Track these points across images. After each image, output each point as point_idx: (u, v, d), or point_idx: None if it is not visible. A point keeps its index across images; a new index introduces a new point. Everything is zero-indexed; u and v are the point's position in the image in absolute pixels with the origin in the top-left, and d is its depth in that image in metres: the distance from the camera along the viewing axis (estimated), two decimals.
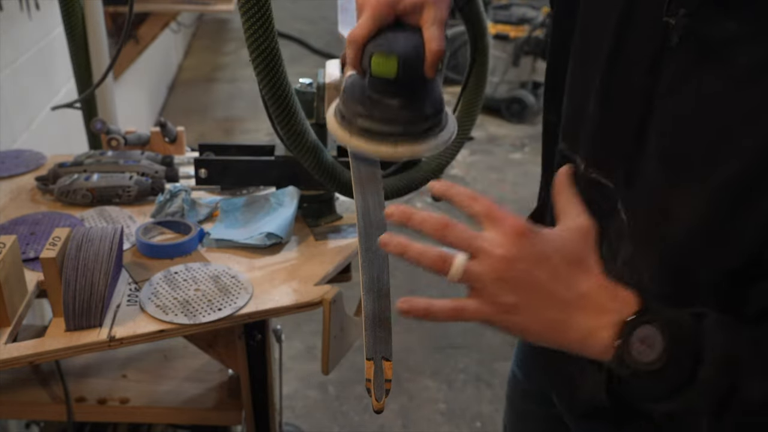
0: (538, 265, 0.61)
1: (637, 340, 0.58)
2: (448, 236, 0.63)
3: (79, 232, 1.05)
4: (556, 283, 0.61)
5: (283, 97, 1.05)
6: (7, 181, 1.41)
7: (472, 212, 0.64)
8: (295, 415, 2.23)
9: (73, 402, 1.32)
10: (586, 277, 0.62)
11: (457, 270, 0.62)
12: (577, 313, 0.61)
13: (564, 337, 0.62)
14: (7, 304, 0.99)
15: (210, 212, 1.30)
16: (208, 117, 4.45)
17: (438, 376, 2.41)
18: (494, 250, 0.61)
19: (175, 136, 1.51)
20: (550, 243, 0.62)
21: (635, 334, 0.59)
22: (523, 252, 0.61)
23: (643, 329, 0.58)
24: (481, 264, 0.61)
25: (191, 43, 5.73)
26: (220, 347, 1.22)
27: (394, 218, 0.65)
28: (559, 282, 0.61)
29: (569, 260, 0.62)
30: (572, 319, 0.61)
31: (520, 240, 0.61)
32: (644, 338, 0.58)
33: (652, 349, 0.58)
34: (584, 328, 0.61)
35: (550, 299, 0.61)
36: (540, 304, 0.61)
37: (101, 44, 1.64)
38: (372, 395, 0.67)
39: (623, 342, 0.59)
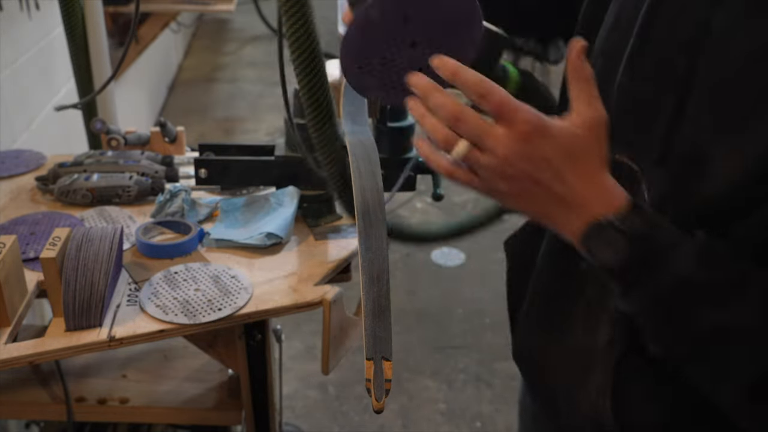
0: (539, 165, 0.63)
1: (599, 239, 0.63)
2: (460, 128, 0.64)
3: (79, 232, 1.05)
4: (551, 181, 0.64)
5: (322, 100, 1.05)
6: (7, 181, 1.41)
7: (482, 107, 0.64)
8: (295, 415, 2.23)
9: (73, 402, 1.32)
10: (581, 175, 0.64)
11: (458, 154, 0.65)
12: (562, 208, 0.65)
13: (547, 221, 0.67)
14: (7, 304, 0.99)
15: (210, 212, 1.30)
16: (208, 117, 4.45)
17: (438, 376, 2.41)
18: (498, 149, 0.63)
19: (175, 136, 1.51)
20: (556, 140, 0.63)
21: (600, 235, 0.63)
22: (525, 153, 0.63)
23: (608, 232, 0.62)
24: (484, 157, 0.64)
25: (191, 43, 5.73)
26: (220, 347, 1.22)
27: (418, 88, 0.67)
28: (555, 180, 0.64)
29: (571, 157, 0.64)
30: (555, 212, 0.66)
31: (526, 142, 0.63)
32: (607, 239, 0.62)
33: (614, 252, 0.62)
34: (563, 220, 0.66)
35: (540, 194, 0.65)
36: (529, 196, 0.65)
37: (101, 44, 1.64)
38: (372, 395, 0.67)
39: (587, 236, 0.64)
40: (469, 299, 2.78)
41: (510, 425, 2.22)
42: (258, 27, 5.73)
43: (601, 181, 0.65)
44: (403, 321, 2.63)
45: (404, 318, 2.65)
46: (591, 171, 0.64)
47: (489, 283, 2.86)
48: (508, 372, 2.43)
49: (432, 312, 2.71)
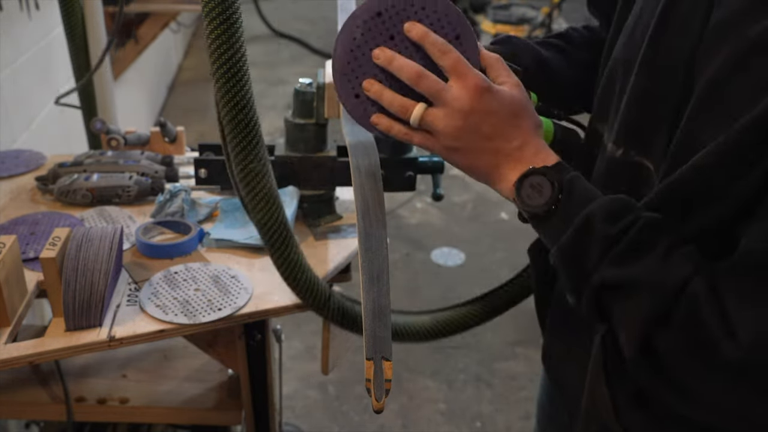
0: (487, 119, 0.72)
1: (528, 185, 0.71)
2: (421, 85, 0.72)
3: (79, 232, 1.05)
4: (497, 135, 0.73)
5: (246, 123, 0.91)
6: (7, 181, 1.41)
7: (441, 65, 0.73)
8: (295, 415, 2.23)
9: (73, 402, 1.32)
10: (522, 133, 0.73)
11: (416, 116, 0.73)
12: (504, 161, 0.73)
13: (488, 178, 0.75)
14: (7, 304, 0.99)
15: (210, 212, 1.30)
16: (208, 117, 4.44)
17: (438, 376, 2.41)
18: (452, 102, 0.72)
19: (174, 136, 1.51)
20: (501, 98, 0.73)
21: (529, 179, 0.71)
22: (476, 107, 0.71)
23: (537, 177, 0.70)
24: (439, 112, 0.72)
25: (191, 43, 5.73)
26: (220, 347, 1.22)
27: (379, 60, 0.74)
28: (500, 134, 0.73)
29: (513, 114, 0.73)
30: (498, 166, 0.74)
31: (477, 95, 0.71)
32: (535, 184, 0.70)
33: (540, 196, 0.70)
34: (503, 173, 0.73)
35: (488, 147, 0.73)
36: (479, 150, 0.73)
37: (101, 44, 1.65)
38: (372, 395, 0.67)
39: (518, 183, 0.71)
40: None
41: (510, 425, 2.23)
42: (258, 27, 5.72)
43: (537, 142, 0.74)
44: None
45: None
46: (529, 130, 0.74)
47: (489, 283, 2.86)
48: (508, 372, 2.43)
49: None
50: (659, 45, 0.72)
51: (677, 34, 0.70)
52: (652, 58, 0.73)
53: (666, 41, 0.71)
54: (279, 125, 4.23)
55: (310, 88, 1.24)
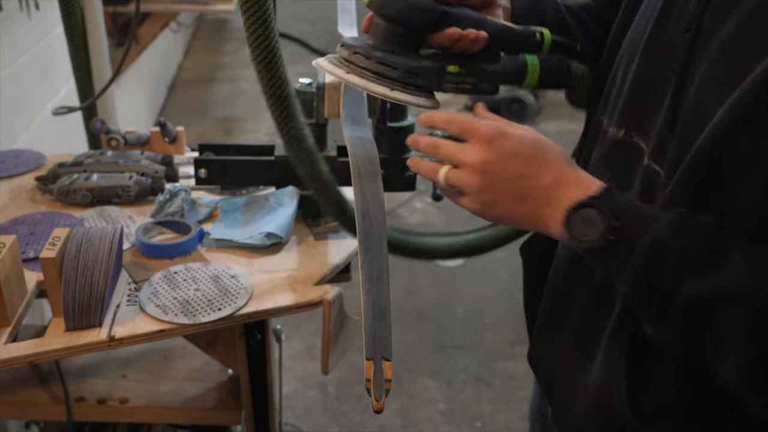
0: (507, 165, 0.70)
1: (579, 220, 0.67)
2: (438, 154, 0.75)
3: (79, 232, 1.05)
4: (525, 178, 0.70)
5: (283, 98, 1.05)
6: (7, 181, 1.41)
7: (453, 134, 0.75)
8: (295, 415, 2.23)
9: (73, 402, 1.32)
10: (551, 168, 0.70)
11: (441, 179, 0.74)
12: (544, 202, 0.69)
13: (536, 223, 0.71)
14: (6, 304, 0.99)
15: (210, 212, 1.30)
16: (208, 117, 4.45)
17: (438, 376, 2.41)
18: (467, 158, 0.72)
19: (174, 136, 1.51)
20: (517, 140, 0.71)
21: (578, 215, 0.67)
22: (492, 155, 0.71)
23: (584, 211, 0.66)
24: (461, 171, 0.73)
25: (191, 43, 5.73)
26: (219, 347, 1.22)
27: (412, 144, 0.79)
28: (527, 176, 0.70)
29: (535, 152, 0.71)
30: (541, 209, 0.70)
31: (489, 145, 0.71)
32: (585, 218, 0.66)
33: (593, 229, 0.66)
34: (549, 214, 0.69)
35: (520, 192, 0.70)
36: (512, 197, 0.71)
37: (101, 44, 1.64)
38: (372, 395, 0.67)
39: (567, 222, 0.67)
40: (469, 299, 2.78)
41: (510, 425, 2.23)
42: None
43: (571, 172, 0.70)
44: (403, 321, 2.63)
45: (404, 318, 2.65)
46: (558, 164, 0.70)
47: (489, 283, 2.86)
48: (508, 372, 2.43)
49: (432, 312, 2.71)
50: (662, 28, 0.73)
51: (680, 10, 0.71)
52: (653, 41, 0.74)
53: (669, 24, 0.72)
54: None
55: (310, 88, 1.24)
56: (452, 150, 0.74)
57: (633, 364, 0.75)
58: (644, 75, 0.76)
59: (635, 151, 0.76)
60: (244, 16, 1.00)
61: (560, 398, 0.90)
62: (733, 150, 0.62)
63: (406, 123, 1.24)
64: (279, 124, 1.08)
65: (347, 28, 1.17)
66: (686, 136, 0.67)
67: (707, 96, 0.66)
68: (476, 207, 0.73)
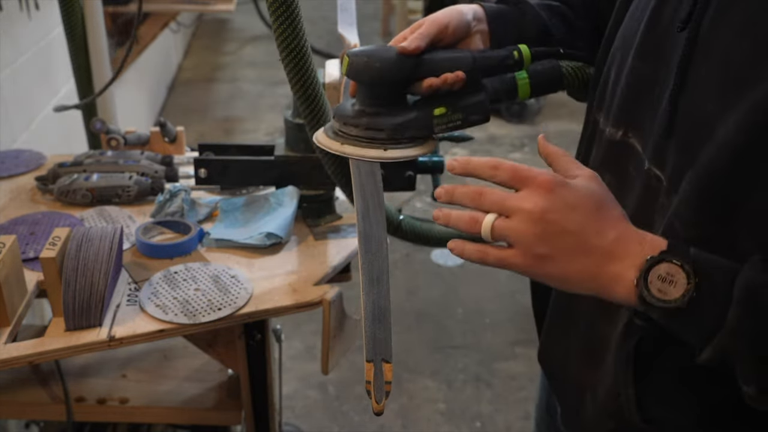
0: (569, 215, 0.63)
1: (656, 278, 0.59)
2: (484, 203, 0.66)
3: (79, 232, 1.05)
4: (586, 231, 0.63)
5: (313, 97, 1.05)
6: (7, 181, 1.41)
7: (499, 182, 0.66)
8: (294, 415, 2.23)
9: (73, 402, 1.32)
10: (614, 224, 0.64)
11: (486, 228, 0.65)
12: (607, 259, 0.63)
13: (596, 283, 0.63)
14: (6, 304, 0.99)
15: (210, 212, 1.30)
16: (208, 117, 4.45)
17: (438, 376, 2.41)
18: (524, 205, 0.63)
19: (174, 136, 1.51)
20: (578, 192, 0.64)
21: (654, 271, 0.59)
22: (553, 204, 0.63)
23: (663, 266, 0.59)
24: (513, 220, 0.64)
25: (191, 43, 5.73)
26: (219, 347, 1.22)
27: (441, 199, 0.69)
28: (589, 230, 0.63)
29: (597, 206, 0.64)
30: (603, 266, 0.63)
31: (549, 194, 0.63)
32: (665, 275, 0.59)
33: (674, 287, 0.58)
34: (612, 272, 0.62)
35: (581, 247, 0.63)
36: (572, 252, 0.63)
37: (101, 44, 1.65)
38: (372, 397, 0.67)
39: (643, 280, 0.60)
40: (469, 299, 2.78)
41: (510, 425, 2.23)
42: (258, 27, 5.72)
43: (633, 230, 0.64)
44: (403, 321, 2.63)
45: (404, 318, 2.65)
46: (621, 220, 0.64)
47: (489, 283, 2.86)
48: (508, 372, 2.43)
49: (432, 312, 2.71)
50: (655, 28, 0.71)
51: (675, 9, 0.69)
52: (646, 41, 0.72)
53: (662, 23, 0.70)
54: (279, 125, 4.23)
55: None
56: (502, 196, 0.65)
57: (640, 371, 0.74)
58: (639, 75, 0.74)
59: (634, 153, 0.74)
60: (272, 17, 1.00)
61: (569, 400, 0.89)
62: (748, 167, 0.59)
63: None
64: (309, 122, 1.07)
65: (347, 28, 1.17)
66: (686, 142, 0.65)
67: (708, 100, 0.64)
68: (527, 262, 0.64)
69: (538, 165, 0.91)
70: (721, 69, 0.63)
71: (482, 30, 0.88)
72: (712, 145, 0.61)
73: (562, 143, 0.75)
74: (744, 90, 0.59)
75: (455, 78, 0.80)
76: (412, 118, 0.80)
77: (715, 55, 0.63)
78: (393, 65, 0.79)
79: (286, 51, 1.00)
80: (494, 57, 0.86)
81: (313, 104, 1.06)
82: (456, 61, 0.82)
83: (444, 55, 0.82)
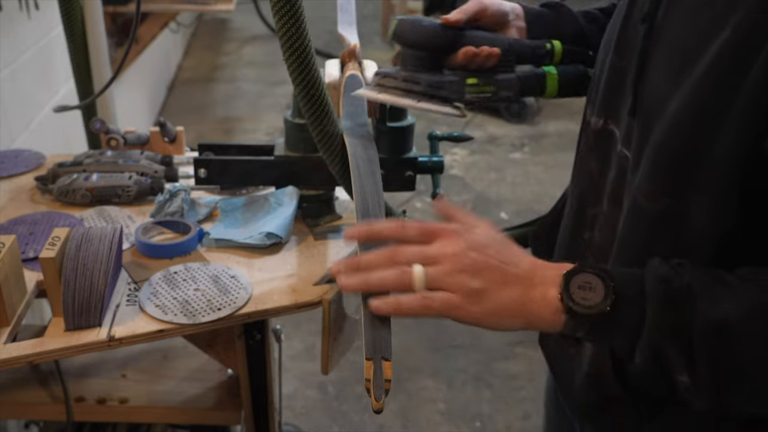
0: (486, 252, 0.69)
1: (577, 287, 0.65)
2: (400, 257, 0.69)
3: (79, 231, 1.05)
4: (505, 263, 0.69)
5: (317, 97, 1.06)
6: (7, 181, 1.41)
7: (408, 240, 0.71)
8: (294, 415, 2.23)
9: (73, 402, 1.32)
10: (523, 256, 0.70)
11: (419, 276, 0.67)
12: (529, 285, 0.68)
13: (526, 310, 0.68)
14: (6, 303, 0.99)
15: (209, 212, 1.30)
16: (208, 117, 4.45)
17: (437, 376, 2.41)
18: (446, 250, 0.68)
19: (174, 136, 1.51)
20: (484, 234, 0.71)
21: (573, 282, 0.65)
22: (468, 244, 0.69)
23: (580, 275, 0.65)
24: (442, 265, 0.68)
25: (191, 43, 5.73)
26: (219, 347, 1.22)
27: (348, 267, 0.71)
28: (507, 262, 0.69)
29: (503, 244, 0.71)
30: (528, 292, 0.67)
31: (460, 237, 0.69)
32: (584, 284, 0.65)
33: (594, 292, 0.64)
34: (537, 296, 0.67)
35: (506, 277, 0.68)
36: (501, 282, 0.68)
37: (100, 44, 1.64)
38: (371, 395, 0.67)
39: (565, 291, 0.65)
40: None
41: (510, 425, 2.23)
42: (257, 27, 5.72)
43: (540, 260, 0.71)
44: (402, 321, 2.63)
45: (404, 318, 2.65)
46: (527, 254, 0.71)
47: None
48: (507, 372, 2.43)
49: None
50: (627, 24, 0.78)
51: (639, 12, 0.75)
52: (621, 37, 0.79)
53: (632, 19, 0.77)
54: (278, 125, 4.23)
55: None
56: (420, 248, 0.69)
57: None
58: (616, 69, 0.80)
59: (613, 138, 0.80)
60: (275, 17, 1.01)
61: (564, 379, 0.94)
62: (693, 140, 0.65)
63: (406, 123, 1.24)
64: (313, 122, 1.08)
65: (347, 28, 1.17)
66: (645, 121, 0.71)
67: (661, 82, 0.70)
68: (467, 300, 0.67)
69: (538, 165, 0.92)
70: (671, 53, 0.69)
71: (520, 26, 0.97)
72: (663, 121, 0.68)
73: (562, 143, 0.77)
74: (688, 69, 0.65)
75: (490, 52, 0.89)
76: (447, 80, 0.88)
77: (667, 41, 0.70)
78: (435, 32, 0.88)
79: (290, 50, 1.00)
80: (528, 44, 0.95)
81: (316, 103, 1.06)
82: (493, 40, 0.91)
83: (482, 34, 0.92)
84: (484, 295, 0.67)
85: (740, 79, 0.61)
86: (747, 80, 0.60)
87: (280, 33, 1.00)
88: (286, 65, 1.01)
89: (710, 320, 0.61)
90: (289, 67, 1.02)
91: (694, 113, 0.65)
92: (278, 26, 1.00)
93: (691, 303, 0.62)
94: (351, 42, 1.15)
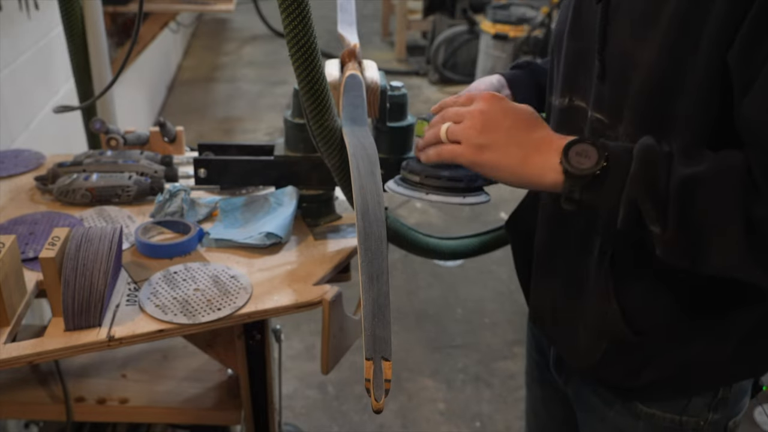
0: (505, 116, 0.83)
1: (574, 154, 0.77)
2: (445, 115, 0.88)
3: (79, 231, 1.05)
4: (518, 128, 0.82)
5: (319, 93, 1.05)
6: (7, 181, 1.41)
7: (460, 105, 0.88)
8: (294, 414, 2.23)
9: (73, 402, 1.32)
10: (542, 128, 0.83)
11: (443, 132, 0.87)
12: (534, 150, 0.81)
13: (526, 170, 0.81)
14: (6, 303, 0.99)
15: (209, 212, 1.30)
16: (208, 117, 4.45)
17: (437, 376, 2.41)
18: (471, 109, 0.85)
19: (174, 136, 1.51)
20: (512, 104, 0.85)
21: (573, 150, 0.77)
22: (491, 107, 0.84)
23: (579, 145, 0.77)
24: (462, 123, 0.85)
25: (191, 43, 5.73)
26: (219, 347, 1.22)
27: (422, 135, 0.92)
28: (520, 127, 0.82)
29: (527, 116, 0.84)
30: (531, 156, 0.81)
31: (488, 102, 0.84)
32: (581, 151, 0.76)
33: (588, 159, 0.76)
34: (540, 161, 0.80)
35: (513, 140, 0.82)
36: (505, 144, 0.82)
37: (100, 44, 1.64)
38: (371, 395, 0.67)
39: (564, 156, 0.77)
40: (468, 299, 2.78)
41: (509, 425, 2.23)
42: (257, 27, 5.73)
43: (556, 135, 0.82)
44: (402, 321, 2.63)
45: (404, 318, 2.65)
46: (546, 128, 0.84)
47: (488, 283, 2.87)
48: (507, 372, 2.43)
49: (431, 312, 2.71)
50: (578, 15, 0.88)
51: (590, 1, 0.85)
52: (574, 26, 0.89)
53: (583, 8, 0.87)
54: (278, 125, 4.23)
55: None
56: (455, 109, 0.87)
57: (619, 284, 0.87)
58: (574, 51, 0.90)
59: (579, 112, 0.90)
60: (283, 14, 1.00)
61: (563, 340, 1.00)
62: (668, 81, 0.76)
63: (406, 123, 1.24)
64: (314, 117, 1.09)
65: (347, 28, 1.17)
66: (616, 79, 0.82)
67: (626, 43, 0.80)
68: (469, 151, 0.83)
69: None
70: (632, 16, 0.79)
71: (507, 94, 1.09)
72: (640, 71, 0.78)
73: None
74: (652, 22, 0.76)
75: None
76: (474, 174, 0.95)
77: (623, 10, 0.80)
78: None
79: (296, 47, 1.00)
80: None
81: (318, 98, 1.06)
82: None
83: None
84: (486, 150, 0.82)
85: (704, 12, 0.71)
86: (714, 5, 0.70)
87: (286, 28, 1.00)
88: (290, 56, 1.02)
89: (683, 175, 0.71)
90: (293, 56, 1.02)
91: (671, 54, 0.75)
92: (285, 23, 1.00)
93: (668, 161, 0.72)
94: (351, 42, 1.15)
